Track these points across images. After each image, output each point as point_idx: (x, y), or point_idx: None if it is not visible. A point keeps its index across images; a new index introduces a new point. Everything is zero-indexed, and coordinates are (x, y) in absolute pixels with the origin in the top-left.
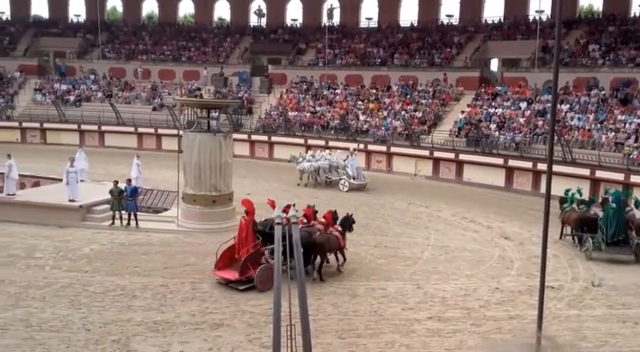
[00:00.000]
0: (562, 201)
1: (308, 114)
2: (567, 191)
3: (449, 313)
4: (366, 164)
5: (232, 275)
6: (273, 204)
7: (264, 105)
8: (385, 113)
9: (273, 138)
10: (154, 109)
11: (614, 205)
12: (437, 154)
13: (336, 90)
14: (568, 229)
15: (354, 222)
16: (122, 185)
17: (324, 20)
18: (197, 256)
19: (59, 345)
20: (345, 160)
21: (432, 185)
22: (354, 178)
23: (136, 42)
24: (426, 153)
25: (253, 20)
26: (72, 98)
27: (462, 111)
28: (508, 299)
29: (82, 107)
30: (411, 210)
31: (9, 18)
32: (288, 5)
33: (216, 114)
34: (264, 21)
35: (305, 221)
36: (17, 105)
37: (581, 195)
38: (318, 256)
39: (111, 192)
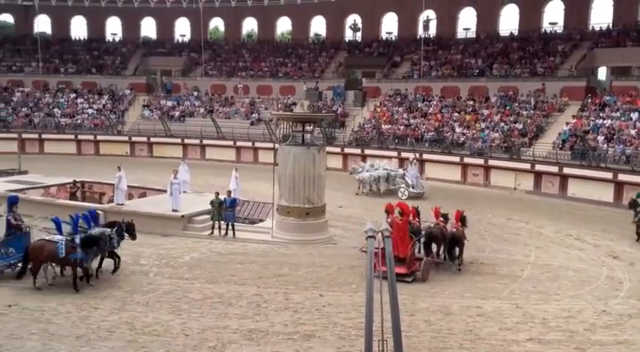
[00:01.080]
0: (635, 204)
1: (402, 127)
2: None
3: (550, 335)
4: (462, 177)
5: (401, 269)
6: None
7: (357, 118)
8: (483, 125)
9: (367, 151)
10: (252, 124)
11: None
12: (538, 168)
13: (431, 103)
14: None
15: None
16: (222, 196)
17: (420, 32)
18: (290, 267)
19: (160, 349)
20: (404, 169)
21: (533, 200)
22: (412, 187)
23: (236, 59)
24: (527, 166)
25: (349, 35)
26: (176, 114)
27: (567, 123)
28: (616, 323)
29: (186, 122)
30: (509, 226)
31: (121, 39)
32: (383, 19)
33: (311, 127)
34: (359, 35)
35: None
36: (127, 121)
37: None
38: (457, 248)
39: (212, 202)
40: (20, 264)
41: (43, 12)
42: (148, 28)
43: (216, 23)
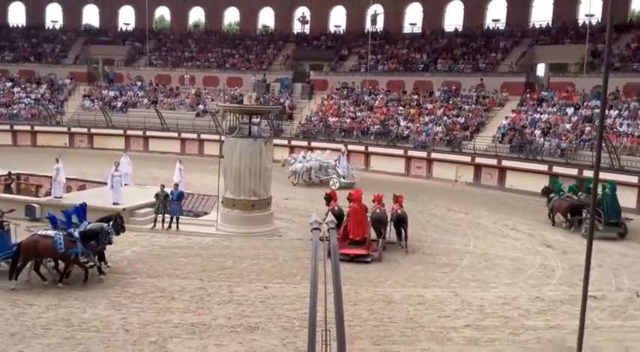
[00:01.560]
0: (548, 191)
1: (348, 120)
2: (555, 181)
3: (487, 321)
4: (406, 170)
5: (360, 251)
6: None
7: (304, 111)
8: (427, 119)
9: (313, 144)
10: (198, 115)
11: (607, 192)
12: (479, 160)
13: (378, 96)
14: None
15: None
16: (168, 189)
17: (368, 26)
18: (235, 260)
19: (99, 345)
20: (336, 160)
21: (473, 191)
22: (343, 177)
23: (182, 49)
24: (468, 159)
25: (297, 27)
26: (119, 104)
27: (506, 117)
28: (549, 309)
29: (128, 113)
30: (450, 217)
31: (62, 26)
32: (332, 12)
33: (258, 119)
34: (307, 28)
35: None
36: (66, 111)
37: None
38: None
39: (157, 195)
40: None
41: None
42: (90, 15)
43: (162, 12)
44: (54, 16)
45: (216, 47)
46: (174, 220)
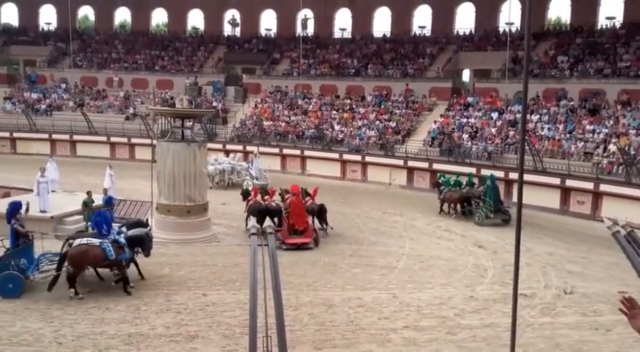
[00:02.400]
0: (438, 184)
1: (283, 124)
2: (442, 176)
3: (424, 322)
4: (341, 173)
5: (304, 239)
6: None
7: (238, 114)
8: (360, 123)
9: (248, 148)
10: (127, 118)
11: (489, 185)
12: (411, 164)
13: (311, 100)
14: (445, 206)
15: None
16: (97, 196)
17: (299, 30)
18: (171, 267)
19: None
20: (248, 162)
21: (407, 194)
22: (256, 178)
23: (108, 51)
24: (401, 162)
25: (227, 30)
26: (43, 107)
27: (435, 121)
28: (483, 308)
29: (53, 116)
30: (385, 219)
31: None
32: (262, 15)
33: (191, 123)
34: (238, 30)
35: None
36: None
37: (446, 179)
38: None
39: (84, 202)
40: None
41: None
42: (9, 14)
43: (86, 11)
44: None
45: (145, 49)
46: None
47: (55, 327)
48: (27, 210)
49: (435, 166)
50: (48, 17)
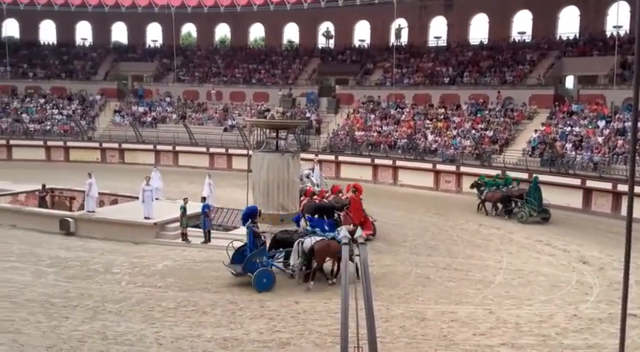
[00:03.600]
0: (478, 185)
1: (375, 134)
2: (482, 177)
3: (523, 340)
4: (435, 184)
5: (366, 232)
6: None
7: (331, 125)
8: (454, 132)
9: (340, 158)
10: (225, 130)
11: (532, 185)
12: (509, 174)
13: (404, 110)
14: (488, 206)
15: None
16: (194, 203)
17: (392, 40)
18: None
19: None
20: (310, 169)
21: None
22: (317, 186)
23: (208, 65)
24: (498, 173)
25: (322, 42)
26: (148, 119)
27: (536, 130)
28: (587, 327)
29: (158, 128)
30: (481, 232)
31: (91, 44)
32: (356, 26)
33: (285, 134)
34: (332, 42)
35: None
36: (98, 127)
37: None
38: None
39: (181, 208)
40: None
41: (11, 16)
42: (119, 33)
43: (189, 29)
44: (84, 33)
45: (243, 63)
46: (207, 233)
47: (156, 329)
48: (259, 214)
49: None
50: (154, 35)
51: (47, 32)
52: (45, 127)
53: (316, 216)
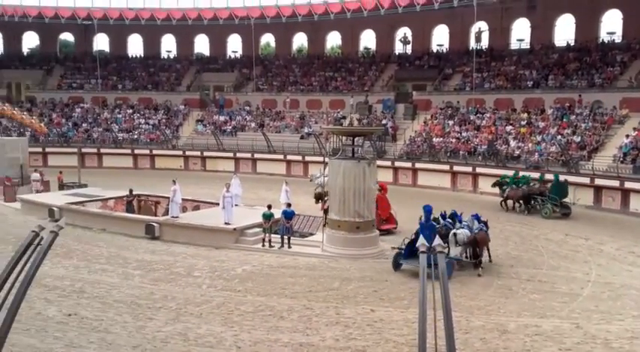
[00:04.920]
0: (499, 184)
1: (453, 140)
2: (503, 177)
3: None
4: None
5: (390, 226)
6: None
7: (408, 131)
8: (538, 138)
9: (417, 165)
10: (302, 137)
11: (555, 183)
12: (598, 182)
13: (484, 115)
14: (509, 203)
15: None
16: (275, 210)
17: (472, 44)
18: (341, 281)
19: None
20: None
21: (593, 215)
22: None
23: (286, 74)
24: (586, 180)
25: (399, 48)
26: (229, 128)
27: (627, 135)
28: None
29: (237, 136)
30: (568, 242)
31: (176, 56)
32: (434, 31)
33: (361, 141)
34: (409, 48)
35: None
36: (181, 136)
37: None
38: None
39: (264, 215)
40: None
41: (102, 31)
42: (202, 44)
43: (267, 39)
44: (169, 46)
45: (319, 71)
46: (286, 239)
47: (235, 332)
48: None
49: (628, 185)
50: (234, 46)
51: (135, 46)
52: (132, 136)
53: None
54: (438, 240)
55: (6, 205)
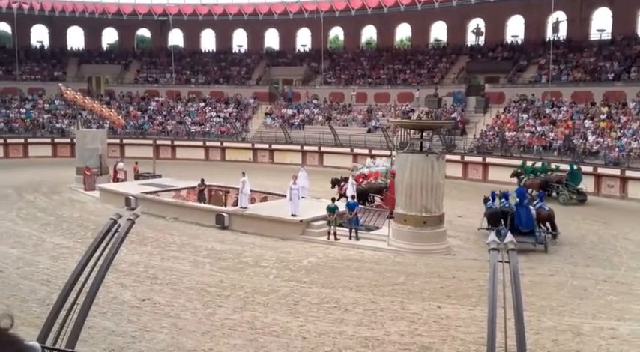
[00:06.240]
0: (517, 174)
1: (527, 134)
2: (522, 166)
3: None
4: (595, 188)
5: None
6: None
7: (479, 125)
8: (619, 133)
9: (488, 159)
10: (369, 131)
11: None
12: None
13: (561, 109)
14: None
15: None
16: (338, 203)
17: (549, 35)
18: (407, 276)
19: (279, 350)
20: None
21: None
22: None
23: (354, 68)
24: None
25: (471, 39)
26: (296, 121)
27: None
28: None
29: (305, 129)
30: None
31: (246, 50)
32: (508, 22)
33: (429, 134)
34: (482, 39)
35: None
36: (250, 129)
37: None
38: None
39: (328, 208)
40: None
41: (177, 26)
42: (272, 39)
43: (336, 32)
44: (240, 41)
45: (388, 63)
46: (354, 232)
47: (301, 322)
48: None
49: None
50: (304, 40)
51: (208, 40)
52: (204, 129)
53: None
54: (509, 237)
55: (86, 194)
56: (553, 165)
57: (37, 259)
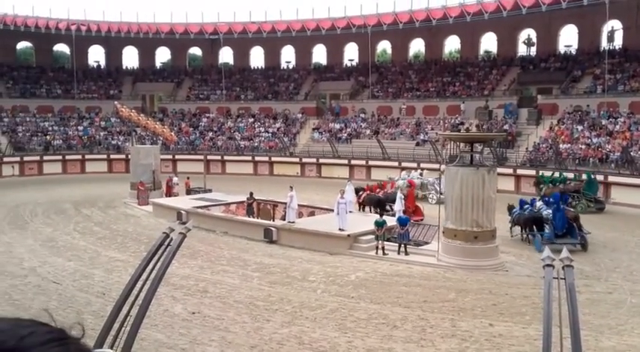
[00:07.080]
0: (538, 183)
1: (583, 147)
2: (541, 176)
3: None
4: None
5: (418, 217)
6: None
7: (531, 137)
8: None
9: (542, 173)
10: (417, 144)
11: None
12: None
13: (618, 119)
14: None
15: None
16: (387, 218)
17: (604, 44)
18: (457, 293)
19: None
20: (436, 178)
21: None
22: (441, 194)
23: (402, 81)
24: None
25: (522, 50)
26: (344, 136)
27: None
28: None
29: (352, 143)
30: None
31: (294, 66)
32: (561, 31)
33: (480, 147)
34: (533, 50)
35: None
36: (298, 143)
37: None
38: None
39: (376, 222)
40: None
41: (227, 44)
42: (319, 54)
43: (384, 46)
44: (288, 57)
45: (437, 76)
46: (403, 247)
47: (349, 338)
48: None
49: None
50: (351, 54)
51: (256, 57)
52: (253, 144)
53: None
54: (565, 253)
55: (140, 208)
56: (570, 175)
57: (92, 272)
